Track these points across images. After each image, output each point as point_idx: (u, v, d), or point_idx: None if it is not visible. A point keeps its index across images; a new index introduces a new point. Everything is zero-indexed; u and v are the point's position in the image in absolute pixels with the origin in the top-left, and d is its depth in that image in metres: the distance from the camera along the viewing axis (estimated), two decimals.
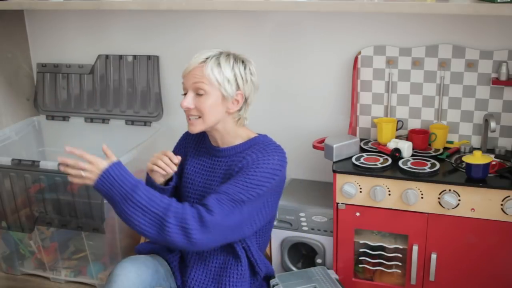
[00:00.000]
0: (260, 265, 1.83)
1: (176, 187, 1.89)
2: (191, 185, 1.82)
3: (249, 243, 1.79)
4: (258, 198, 1.66)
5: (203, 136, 1.87)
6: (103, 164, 1.57)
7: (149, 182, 1.80)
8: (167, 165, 1.74)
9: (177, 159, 1.75)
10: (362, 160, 2.11)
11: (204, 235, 1.56)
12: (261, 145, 1.75)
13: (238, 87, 1.70)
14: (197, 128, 1.71)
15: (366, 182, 2.03)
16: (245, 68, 1.72)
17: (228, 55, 1.72)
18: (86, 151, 1.59)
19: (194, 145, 1.89)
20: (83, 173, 1.56)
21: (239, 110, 1.74)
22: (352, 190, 2.04)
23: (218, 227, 1.59)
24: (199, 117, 1.70)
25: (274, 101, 2.52)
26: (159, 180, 1.79)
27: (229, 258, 1.79)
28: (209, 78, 1.66)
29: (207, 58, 1.69)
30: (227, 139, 1.77)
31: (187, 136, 1.94)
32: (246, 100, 1.74)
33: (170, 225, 1.54)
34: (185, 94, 1.72)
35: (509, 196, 1.88)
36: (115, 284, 1.62)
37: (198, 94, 1.68)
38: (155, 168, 1.74)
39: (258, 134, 1.83)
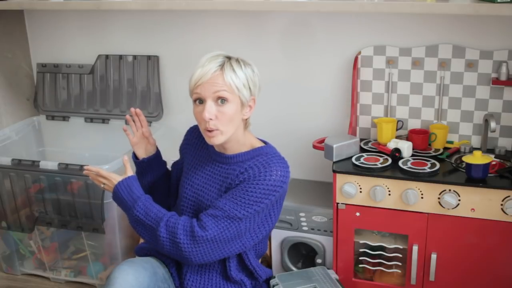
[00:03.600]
0: (259, 272, 1.83)
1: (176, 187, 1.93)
2: (189, 187, 1.80)
3: (247, 251, 1.78)
4: (257, 214, 1.65)
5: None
6: (117, 180, 1.75)
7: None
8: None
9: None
10: (362, 160, 2.11)
11: (195, 249, 1.62)
12: (264, 157, 1.70)
13: (251, 92, 1.67)
14: (219, 139, 1.64)
15: (366, 182, 2.03)
16: (252, 71, 1.68)
17: (235, 59, 1.66)
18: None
19: (194, 145, 1.86)
20: (102, 185, 1.79)
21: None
22: (352, 190, 2.04)
23: (211, 242, 1.62)
24: (217, 130, 1.63)
25: (274, 101, 2.52)
26: (141, 153, 1.90)
27: (225, 264, 1.79)
28: (230, 85, 1.61)
29: (221, 65, 1.62)
30: (235, 147, 1.72)
31: (191, 133, 1.90)
32: None
33: (162, 238, 1.64)
34: (196, 102, 1.64)
35: (509, 196, 1.88)
36: (114, 287, 1.62)
37: (220, 103, 1.61)
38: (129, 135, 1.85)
39: (262, 141, 1.79)
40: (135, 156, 1.92)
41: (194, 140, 1.87)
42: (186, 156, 1.88)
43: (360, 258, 2.19)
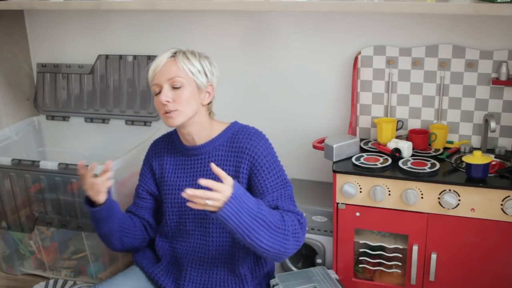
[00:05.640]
0: (262, 264, 1.84)
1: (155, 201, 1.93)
2: (175, 191, 1.82)
3: None
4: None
5: (171, 141, 1.88)
6: (229, 190, 1.45)
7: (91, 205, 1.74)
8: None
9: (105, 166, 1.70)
10: (362, 160, 2.11)
11: (304, 236, 1.68)
12: (242, 133, 1.78)
13: (207, 78, 1.75)
14: (177, 120, 1.70)
15: (366, 182, 2.03)
16: (210, 63, 1.76)
17: (190, 51, 1.75)
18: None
19: (166, 152, 1.87)
20: (209, 202, 1.43)
21: (210, 103, 1.79)
22: (352, 190, 2.04)
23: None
24: (176, 110, 1.69)
25: (274, 101, 2.52)
26: (102, 196, 1.71)
27: (232, 258, 1.78)
28: (183, 70, 1.70)
29: (173, 54, 1.71)
30: (203, 134, 1.78)
31: (155, 146, 1.92)
32: None
33: (289, 236, 1.59)
34: (158, 93, 1.71)
35: (509, 196, 1.88)
36: None
37: (175, 88, 1.69)
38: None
39: (228, 122, 1.85)
40: (89, 202, 1.74)
41: (163, 150, 1.88)
42: (162, 168, 1.86)
43: (360, 258, 2.19)
